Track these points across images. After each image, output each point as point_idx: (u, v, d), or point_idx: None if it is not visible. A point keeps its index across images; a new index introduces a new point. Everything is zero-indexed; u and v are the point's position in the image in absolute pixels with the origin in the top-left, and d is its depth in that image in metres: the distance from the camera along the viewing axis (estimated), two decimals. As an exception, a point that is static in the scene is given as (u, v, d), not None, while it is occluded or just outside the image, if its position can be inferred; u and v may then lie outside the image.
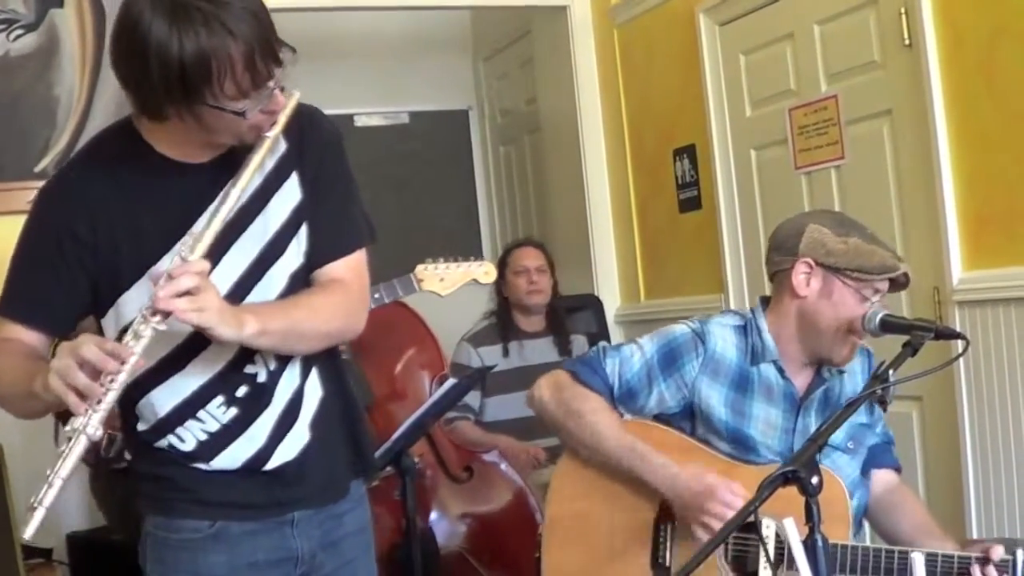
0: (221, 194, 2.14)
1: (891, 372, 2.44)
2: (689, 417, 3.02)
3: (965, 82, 3.91)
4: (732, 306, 5.10)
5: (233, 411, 2.27)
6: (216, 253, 2.16)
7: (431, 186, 7.42)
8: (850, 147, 4.45)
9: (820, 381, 2.98)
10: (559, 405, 3.00)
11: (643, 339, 3.06)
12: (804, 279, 2.90)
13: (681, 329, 3.04)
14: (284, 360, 2.30)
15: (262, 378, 2.28)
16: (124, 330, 2.14)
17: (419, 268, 3.99)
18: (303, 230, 2.30)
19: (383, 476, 3.73)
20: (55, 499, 1.96)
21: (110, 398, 1.98)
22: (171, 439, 2.27)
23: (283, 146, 2.27)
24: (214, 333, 2.07)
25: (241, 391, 2.27)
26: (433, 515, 4.17)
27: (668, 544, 2.90)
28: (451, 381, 3.78)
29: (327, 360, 2.40)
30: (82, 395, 1.96)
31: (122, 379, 1.98)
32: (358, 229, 2.39)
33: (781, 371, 2.96)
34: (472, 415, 4.81)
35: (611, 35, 5.93)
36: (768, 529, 2.67)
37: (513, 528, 4.32)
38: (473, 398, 4.79)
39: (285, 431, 2.30)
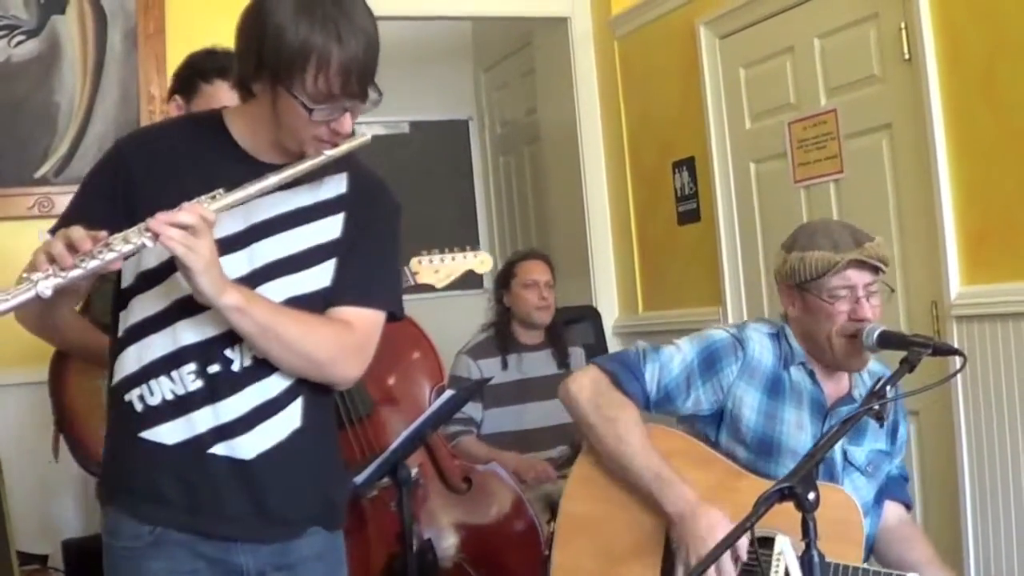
0: (262, 177, 2.24)
1: (888, 388, 2.45)
2: (717, 421, 3.05)
3: (964, 97, 3.92)
4: (730, 318, 5.11)
5: (199, 383, 2.30)
6: (237, 244, 2.27)
7: (431, 195, 7.41)
8: (849, 161, 4.46)
9: (851, 399, 3.02)
10: (594, 408, 3.01)
11: (682, 341, 3.09)
12: (788, 302, 3.04)
13: (720, 334, 3.08)
14: (265, 365, 2.32)
15: (236, 367, 2.31)
16: (142, 273, 2.30)
17: (413, 261, 3.94)
18: (330, 264, 2.36)
19: (380, 487, 3.72)
20: None
21: (74, 273, 2.06)
22: (142, 390, 2.31)
23: (343, 188, 2.40)
24: (194, 279, 2.13)
25: (213, 368, 2.30)
26: (432, 526, 4.16)
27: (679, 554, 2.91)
28: (449, 392, 3.77)
29: (316, 399, 2.40)
30: (52, 259, 2.06)
31: (93, 265, 2.07)
32: (387, 292, 2.44)
33: (812, 375, 3.01)
34: (475, 428, 4.80)
35: (611, 47, 5.93)
36: (781, 544, 2.68)
37: (513, 538, 4.30)
38: (475, 410, 4.78)
39: (247, 428, 2.31)
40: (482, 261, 4.01)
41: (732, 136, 5.14)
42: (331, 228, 2.37)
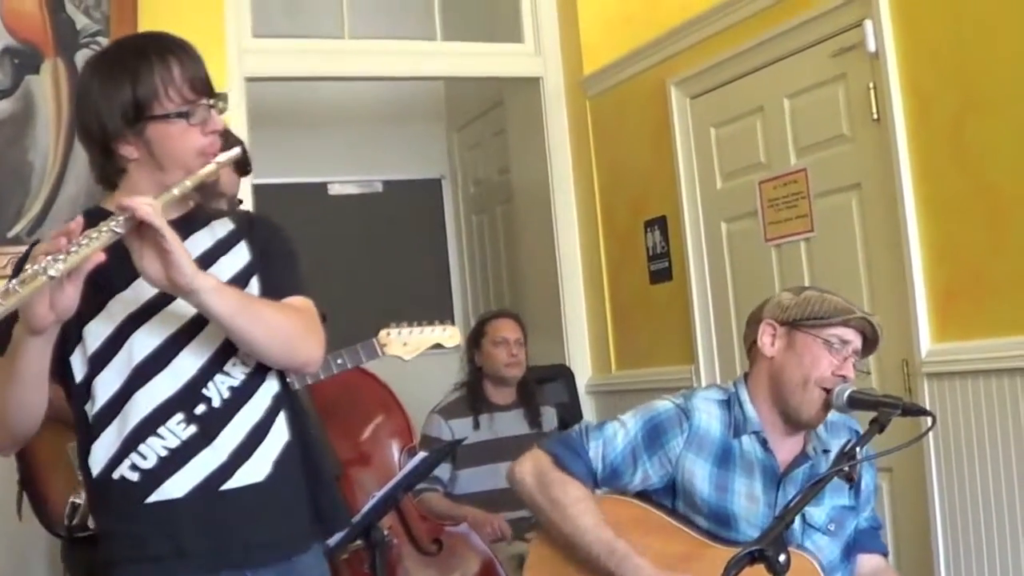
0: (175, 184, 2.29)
1: (859, 449, 2.46)
2: (671, 493, 3.02)
3: (933, 156, 3.95)
4: (703, 377, 5.12)
5: (192, 428, 2.31)
6: (162, 300, 2.30)
7: (404, 254, 7.44)
8: (819, 220, 4.49)
9: (805, 458, 3.00)
10: (540, 490, 2.98)
11: (626, 416, 3.06)
12: (769, 340, 3.00)
13: (665, 405, 3.05)
14: (241, 393, 2.35)
15: (216, 403, 2.33)
16: (91, 357, 2.32)
17: (382, 333, 3.95)
18: (254, 282, 2.41)
19: (353, 549, 3.70)
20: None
21: (72, 258, 2.06)
22: (133, 459, 2.30)
23: (231, 225, 2.46)
24: (174, 255, 2.14)
25: (199, 409, 2.32)
26: (403, 588, 4.14)
27: None
28: (421, 454, 3.76)
29: (294, 410, 2.44)
30: (46, 253, 2.07)
31: (84, 251, 2.07)
32: (308, 289, 2.48)
33: (764, 443, 2.98)
34: (441, 487, 4.79)
35: (583, 106, 5.97)
36: None
37: (484, 601, 4.31)
38: (442, 470, 4.76)
39: (248, 453, 2.33)
40: (451, 336, 4.05)
41: (703, 195, 5.17)
42: (239, 256, 2.43)
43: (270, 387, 2.40)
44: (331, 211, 7.01)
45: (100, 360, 2.32)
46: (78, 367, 2.34)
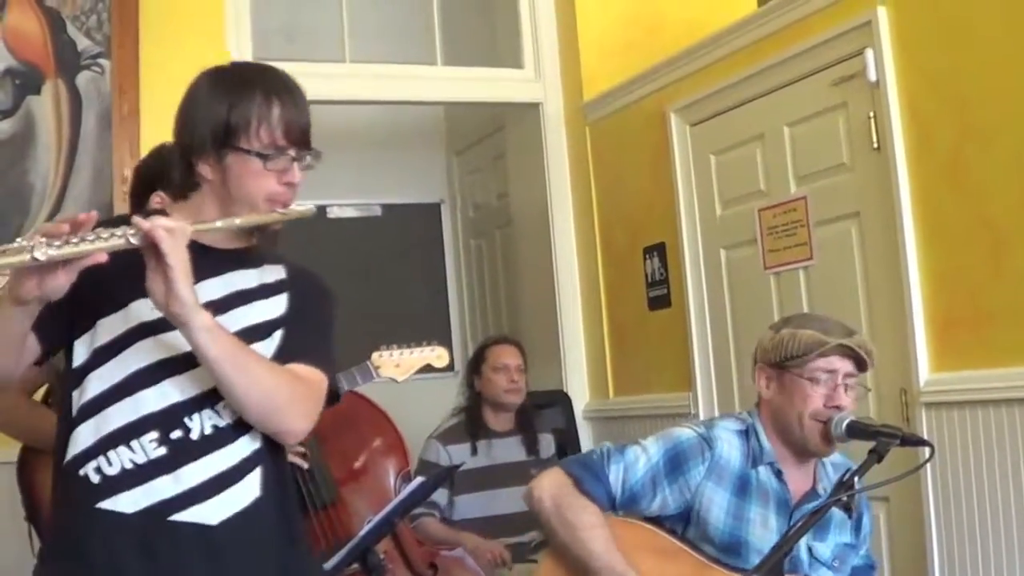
0: (227, 218, 2.32)
1: (857, 479, 2.46)
2: (683, 520, 3.03)
3: (933, 185, 3.96)
4: (700, 404, 5.12)
5: (162, 451, 2.29)
6: None
7: (402, 278, 7.43)
8: (818, 248, 4.49)
9: (815, 495, 3.01)
10: (556, 511, 2.97)
11: (648, 441, 3.07)
12: (764, 383, 3.05)
13: (687, 434, 3.06)
14: (223, 435, 2.32)
15: (195, 435, 2.31)
16: (96, 350, 2.30)
17: (375, 356, 4.01)
18: (278, 334, 2.39)
19: (349, 573, 3.69)
20: None
21: (66, 249, 2.06)
22: (100, 461, 2.29)
23: (283, 274, 2.46)
24: (175, 282, 2.14)
25: (175, 434, 2.30)
26: (398, 612, 4.13)
27: None
28: (419, 480, 3.76)
29: (275, 470, 2.40)
30: (45, 235, 2.07)
31: (83, 247, 2.08)
32: (330, 365, 2.46)
33: (779, 474, 3.00)
34: (438, 512, 4.78)
35: (583, 132, 5.98)
36: None
37: (478, 626, 4.29)
38: (440, 495, 4.75)
39: (208, 495, 2.30)
40: (439, 356, 4.12)
41: (703, 222, 5.17)
42: (276, 306, 2.42)
43: (252, 442, 2.36)
44: (330, 234, 6.99)
45: (102, 355, 2.31)
46: (80, 353, 2.33)
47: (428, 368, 4.18)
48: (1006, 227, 3.70)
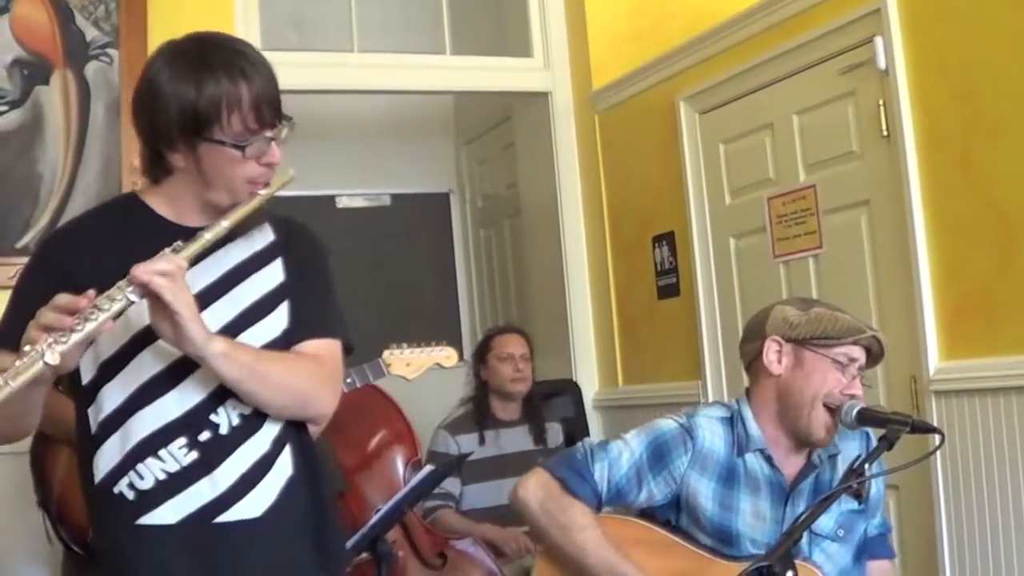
0: (213, 223, 2.26)
1: (867, 466, 2.45)
2: (675, 508, 3.01)
3: (942, 173, 3.95)
4: (710, 393, 5.11)
5: (194, 455, 2.28)
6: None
7: (411, 268, 7.43)
8: (828, 237, 4.48)
9: (811, 468, 2.99)
10: (544, 513, 2.97)
11: (629, 435, 3.05)
12: (776, 357, 2.97)
13: (668, 424, 3.04)
14: (251, 422, 2.32)
15: (224, 430, 2.30)
16: (103, 364, 2.28)
17: (386, 353, 4.09)
18: (284, 306, 2.38)
19: (358, 562, 3.70)
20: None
21: (75, 337, 2.05)
22: (131, 477, 2.27)
23: (271, 236, 2.42)
24: (184, 326, 2.14)
25: (204, 436, 2.29)
26: (407, 601, 4.14)
27: None
28: (428, 468, 3.77)
29: (302, 445, 2.40)
30: (48, 328, 2.06)
31: (89, 327, 2.06)
32: (338, 323, 2.46)
33: (769, 460, 2.97)
34: (453, 503, 4.79)
35: (592, 121, 5.97)
36: None
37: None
38: (454, 485, 4.76)
39: (249, 487, 2.30)
40: (448, 356, 4.21)
41: (712, 211, 5.17)
42: (274, 274, 2.40)
43: (278, 421, 2.36)
44: (339, 224, 6.99)
45: (110, 368, 2.30)
46: (87, 369, 2.31)
47: (437, 367, 4.23)
48: (1016, 214, 3.70)
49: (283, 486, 2.34)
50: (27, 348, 2.05)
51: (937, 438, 2.67)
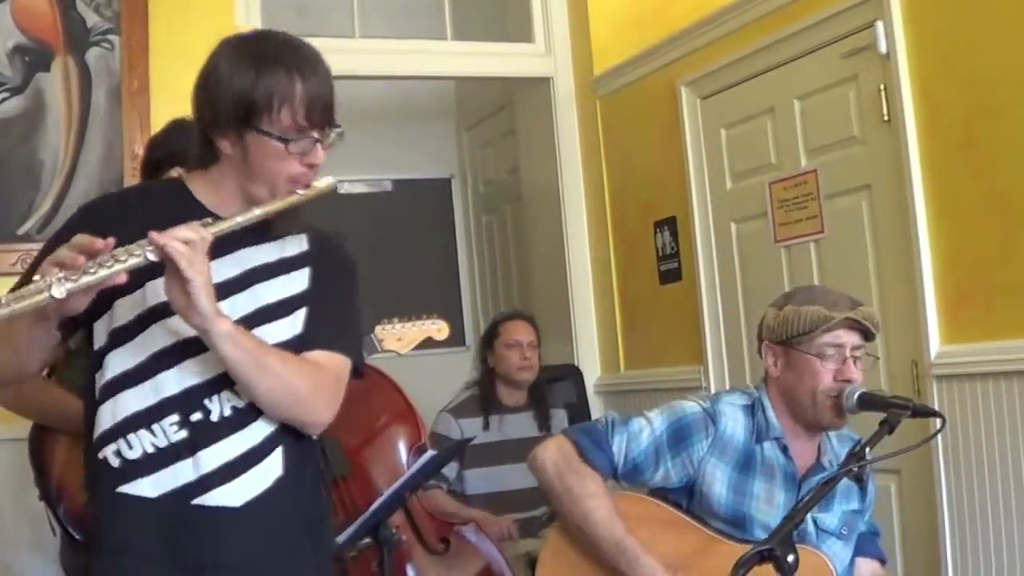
0: (246, 210, 2.30)
1: (868, 450, 2.46)
2: (687, 494, 3.03)
3: (943, 158, 3.95)
4: (711, 377, 5.13)
5: (183, 433, 2.29)
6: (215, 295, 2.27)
7: (413, 253, 7.44)
8: (829, 221, 4.48)
9: (820, 468, 3.02)
10: (559, 479, 2.98)
11: (652, 413, 3.07)
12: (771, 360, 3.04)
13: (692, 407, 3.05)
14: (242, 417, 2.32)
15: (214, 417, 2.31)
16: (114, 331, 2.31)
17: (378, 329, 4.07)
18: (302, 313, 2.40)
19: (361, 547, 3.71)
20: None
21: (84, 279, 2.07)
22: (119, 445, 2.29)
23: (305, 246, 2.46)
24: (194, 295, 2.15)
25: (195, 416, 2.30)
26: (411, 586, 4.14)
27: None
28: (430, 452, 3.77)
29: (297, 448, 2.40)
30: (61, 265, 2.08)
31: (101, 273, 2.09)
32: (354, 343, 2.48)
33: (784, 450, 3.00)
34: (446, 484, 4.79)
35: (593, 106, 5.97)
36: None
37: (490, 601, 4.30)
38: (449, 468, 4.76)
39: (231, 476, 2.31)
40: (439, 328, 4.20)
41: (713, 196, 5.17)
42: (298, 281, 2.41)
43: (273, 422, 2.36)
44: (341, 209, 6.97)
45: (120, 337, 2.31)
46: (100, 335, 2.34)
47: (429, 341, 4.21)
48: (1017, 199, 3.70)
49: (269, 485, 2.34)
50: (36, 277, 2.08)
51: (938, 422, 2.68)
